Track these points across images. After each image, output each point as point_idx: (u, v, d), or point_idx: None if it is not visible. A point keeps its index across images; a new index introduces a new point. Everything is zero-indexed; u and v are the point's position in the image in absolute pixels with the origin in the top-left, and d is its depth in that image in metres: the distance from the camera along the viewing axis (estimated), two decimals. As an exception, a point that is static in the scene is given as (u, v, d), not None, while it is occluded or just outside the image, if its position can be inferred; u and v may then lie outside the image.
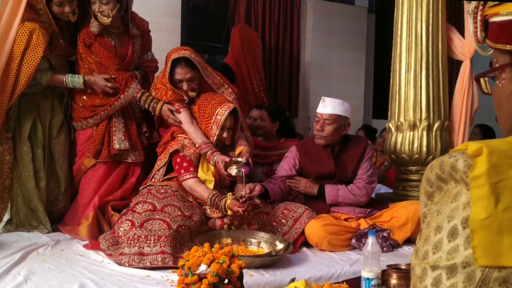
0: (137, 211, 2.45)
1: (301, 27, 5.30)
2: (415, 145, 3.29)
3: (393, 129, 3.43)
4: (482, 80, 0.87)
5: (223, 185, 2.81)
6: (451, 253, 0.64)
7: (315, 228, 2.53)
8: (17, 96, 2.57)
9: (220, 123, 2.71)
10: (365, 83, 5.71)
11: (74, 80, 2.75)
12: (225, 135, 2.76)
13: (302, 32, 5.32)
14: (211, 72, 2.92)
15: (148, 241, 2.21)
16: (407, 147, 3.31)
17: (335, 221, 2.62)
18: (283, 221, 2.62)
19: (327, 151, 2.86)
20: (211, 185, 2.68)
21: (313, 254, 2.47)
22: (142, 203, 2.50)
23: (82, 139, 2.90)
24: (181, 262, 1.56)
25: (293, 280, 1.78)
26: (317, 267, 2.23)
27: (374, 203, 2.92)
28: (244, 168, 2.55)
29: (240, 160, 2.58)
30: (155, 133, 3.08)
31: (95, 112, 2.82)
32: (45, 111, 2.83)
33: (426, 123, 3.27)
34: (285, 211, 2.65)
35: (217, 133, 2.72)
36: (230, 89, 2.95)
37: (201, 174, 2.70)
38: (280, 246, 2.34)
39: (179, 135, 2.82)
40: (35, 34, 2.56)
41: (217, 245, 1.58)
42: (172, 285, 1.88)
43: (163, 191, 2.62)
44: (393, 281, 1.83)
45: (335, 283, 1.88)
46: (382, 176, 4.43)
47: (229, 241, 2.45)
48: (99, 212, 2.73)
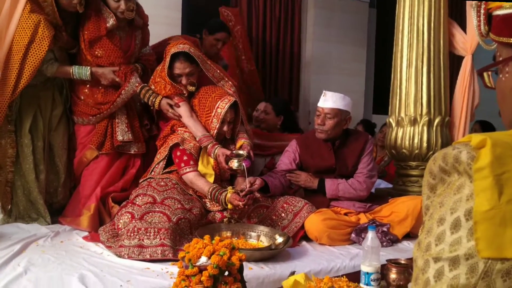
0: (137, 203, 2.45)
1: (302, 21, 5.28)
2: (416, 141, 3.29)
3: (393, 124, 3.43)
4: (485, 74, 0.86)
5: (223, 179, 2.81)
6: (453, 245, 0.64)
7: (314, 222, 2.53)
8: (20, 90, 2.56)
9: (220, 116, 2.71)
10: (366, 78, 5.70)
11: (81, 71, 2.75)
12: (226, 128, 2.75)
13: (303, 26, 5.30)
14: (210, 65, 2.91)
15: (148, 234, 2.21)
16: (407, 142, 3.31)
17: (335, 216, 2.62)
18: (283, 215, 2.62)
19: (327, 145, 2.85)
20: (211, 179, 2.68)
21: (313, 248, 2.47)
22: (142, 196, 2.50)
23: (83, 131, 2.90)
24: (181, 254, 1.55)
25: (292, 273, 1.78)
26: (316, 261, 2.23)
27: (374, 198, 2.92)
28: (245, 161, 2.55)
29: (241, 153, 2.58)
30: (154, 126, 3.08)
31: (99, 110, 2.82)
32: (45, 102, 2.82)
33: (426, 119, 3.27)
34: (285, 205, 2.65)
35: (217, 127, 2.72)
36: (230, 82, 2.94)
37: (201, 167, 2.70)
38: (279, 239, 2.34)
39: (179, 129, 2.82)
40: (41, 27, 2.53)
41: (217, 237, 1.58)
42: (171, 277, 1.88)
43: (163, 183, 2.62)
44: (393, 275, 1.83)
45: (334, 277, 1.88)
46: (382, 171, 4.43)
47: (229, 234, 2.45)
48: (100, 203, 2.74)
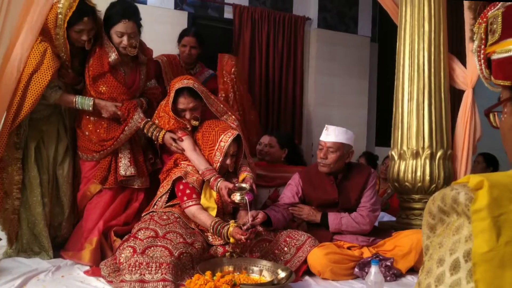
0: (139, 237, 2.44)
1: (305, 54, 5.36)
2: (418, 174, 3.29)
3: (396, 157, 3.44)
4: (491, 114, 0.88)
5: (226, 212, 2.80)
6: (453, 287, 0.64)
7: (317, 256, 2.51)
8: (22, 118, 2.57)
9: (223, 150, 2.73)
10: (368, 110, 5.73)
11: (84, 102, 2.78)
12: (229, 161, 2.77)
13: (305, 59, 5.38)
14: (214, 100, 2.96)
15: (149, 268, 2.19)
16: (410, 176, 3.31)
17: (338, 250, 2.60)
18: (286, 249, 2.60)
19: (330, 179, 2.86)
20: (214, 212, 2.68)
21: (316, 283, 2.45)
22: (144, 230, 2.50)
23: (88, 166, 2.92)
24: (182, 290, 1.55)
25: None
26: (319, 297, 2.20)
27: (377, 232, 2.90)
28: (247, 195, 2.55)
29: (244, 186, 2.59)
30: (158, 160, 3.10)
31: (102, 147, 2.84)
32: (49, 136, 2.84)
33: (429, 152, 3.28)
34: (288, 239, 2.63)
35: (220, 160, 2.74)
36: (233, 116, 2.98)
37: (203, 201, 2.70)
38: (282, 274, 2.31)
39: (182, 162, 2.84)
40: (47, 58, 2.59)
41: (218, 273, 1.57)
42: (173, 314, 1.86)
43: (165, 217, 2.61)
44: (397, 312, 1.81)
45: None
46: (385, 204, 4.40)
47: (231, 269, 2.42)
48: (102, 237, 2.73)
